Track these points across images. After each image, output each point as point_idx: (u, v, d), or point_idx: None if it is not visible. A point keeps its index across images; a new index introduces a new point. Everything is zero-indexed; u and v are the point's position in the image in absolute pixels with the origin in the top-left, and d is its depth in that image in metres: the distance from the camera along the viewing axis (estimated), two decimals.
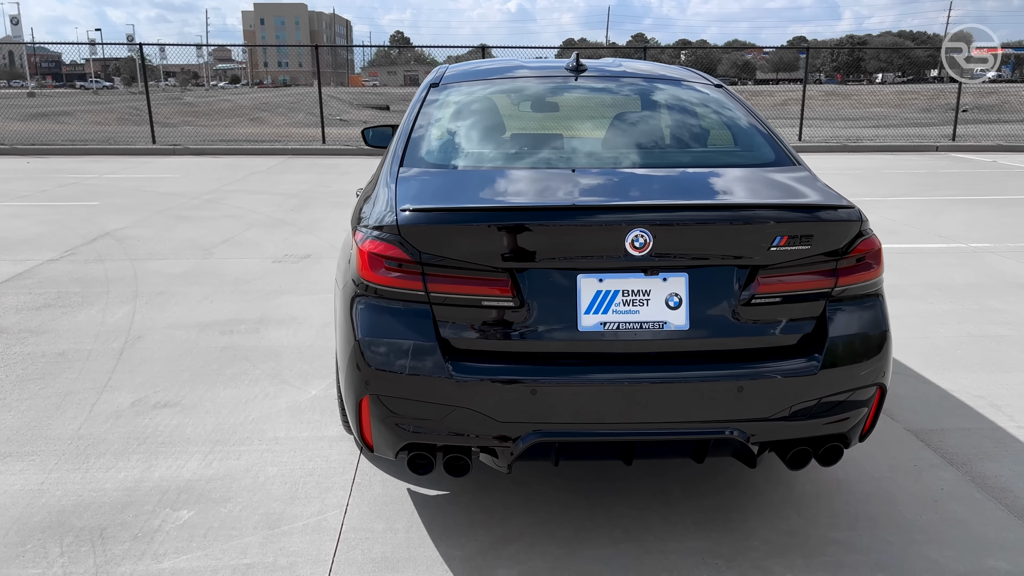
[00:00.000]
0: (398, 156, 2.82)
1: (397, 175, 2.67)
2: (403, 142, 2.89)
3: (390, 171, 2.75)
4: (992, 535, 2.63)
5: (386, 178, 2.71)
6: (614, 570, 2.44)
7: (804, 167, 2.78)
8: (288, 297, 5.42)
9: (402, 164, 2.75)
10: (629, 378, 2.27)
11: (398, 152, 2.84)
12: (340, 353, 2.54)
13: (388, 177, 2.71)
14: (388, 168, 2.80)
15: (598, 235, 2.25)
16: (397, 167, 2.74)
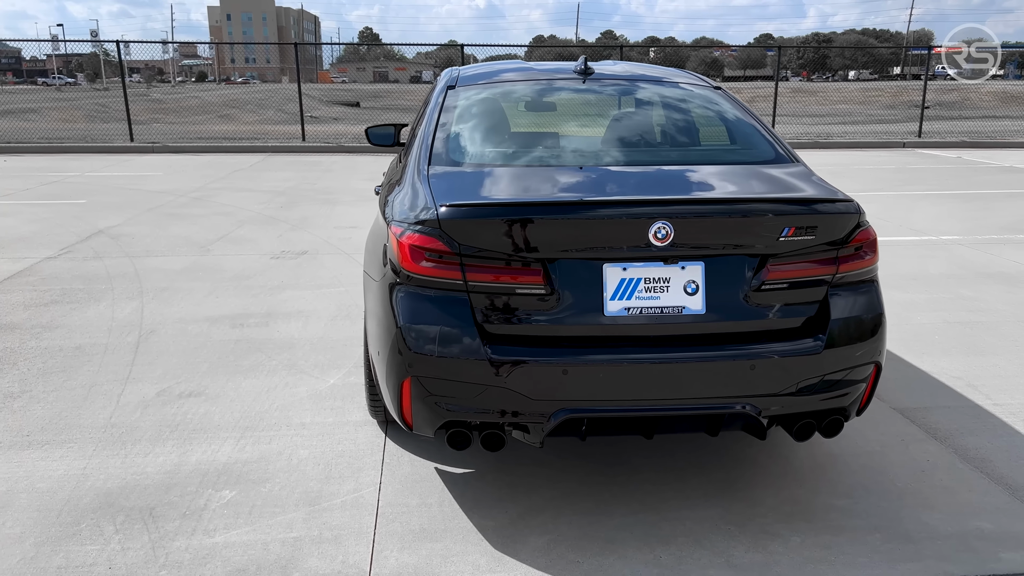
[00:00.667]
0: (425, 155, 3.00)
1: (427, 173, 2.85)
2: (428, 141, 3.07)
3: (418, 169, 2.93)
4: (976, 500, 2.88)
5: (415, 175, 2.89)
6: (636, 536, 2.65)
7: (802, 164, 3.01)
8: (292, 292, 5.56)
9: (430, 163, 2.93)
10: (652, 358, 2.48)
11: (424, 151, 3.02)
12: (378, 339, 2.72)
13: (417, 175, 2.89)
14: (415, 166, 2.98)
15: (624, 227, 2.45)
16: (426, 165, 2.92)
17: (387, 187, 3.34)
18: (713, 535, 2.66)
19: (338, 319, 4.95)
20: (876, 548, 2.59)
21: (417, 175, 2.89)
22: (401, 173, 3.14)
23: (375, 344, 2.80)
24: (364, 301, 3.14)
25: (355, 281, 5.83)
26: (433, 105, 3.37)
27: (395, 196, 2.95)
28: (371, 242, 3.13)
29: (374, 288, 2.84)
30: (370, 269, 2.99)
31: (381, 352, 2.69)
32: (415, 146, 3.18)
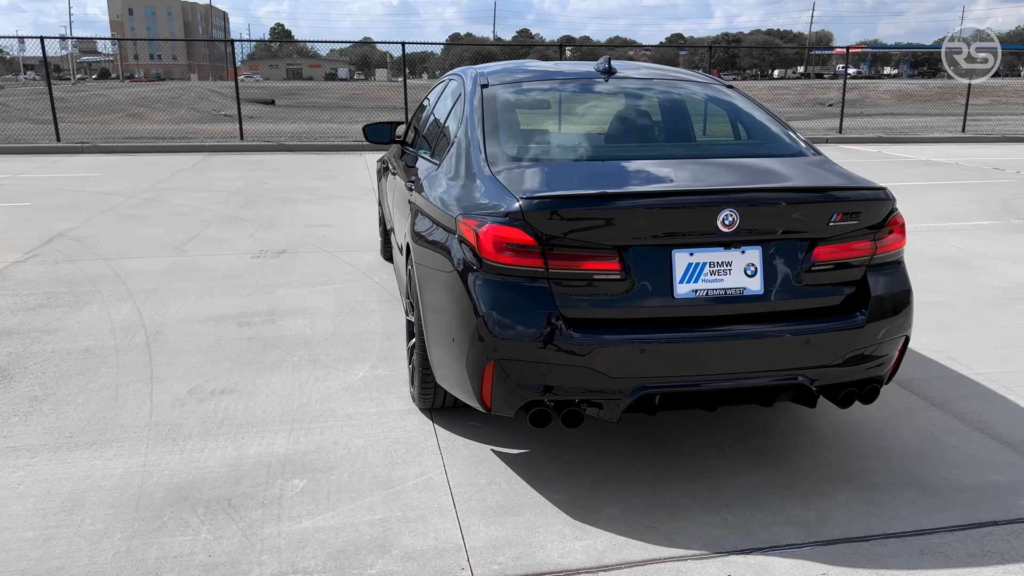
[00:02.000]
0: (478, 152, 3.13)
1: (490, 169, 2.99)
2: (478, 139, 3.20)
3: (475, 164, 3.07)
4: (985, 457, 3.21)
5: (476, 171, 3.03)
6: (699, 502, 2.87)
7: (824, 156, 3.28)
8: (286, 290, 5.58)
9: (487, 159, 3.07)
10: (717, 336, 2.69)
11: (476, 148, 3.16)
12: (450, 328, 2.85)
13: (477, 170, 3.03)
14: (469, 162, 3.11)
15: (694, 215, 2.66)
16: (483, 162, 3.06)
17: (427, 183, 3.46)
18: (768, 497, 2.90)
19: (343, 315, 5.01)
20: (912, 501, 2.87)
21: (477, 170, 3.03)
22: (452, 169, 3.26)
23: (446, 332, 2.92)
24: (417, 297, 3.24)
25: (347, 278, 5.88)
26: (471, 104, 3.50)
27: (452, 192, 3.08)
28: (423, 240, 3.22)
29: (439, 281, 2.96)
30: (431, 264, 3.10)
31: (457, 339, 2.82)
32: (461, 143, 3.31)
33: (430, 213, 3.25)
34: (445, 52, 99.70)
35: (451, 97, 4.09)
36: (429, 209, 3.28)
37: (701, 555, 2.56)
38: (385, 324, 4.83)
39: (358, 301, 5.32)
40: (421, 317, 3.24)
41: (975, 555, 2.56)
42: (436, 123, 4.25)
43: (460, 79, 4.03)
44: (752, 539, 2.64)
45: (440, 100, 4.38)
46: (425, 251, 3.20)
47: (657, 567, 2.49)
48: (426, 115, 4.55)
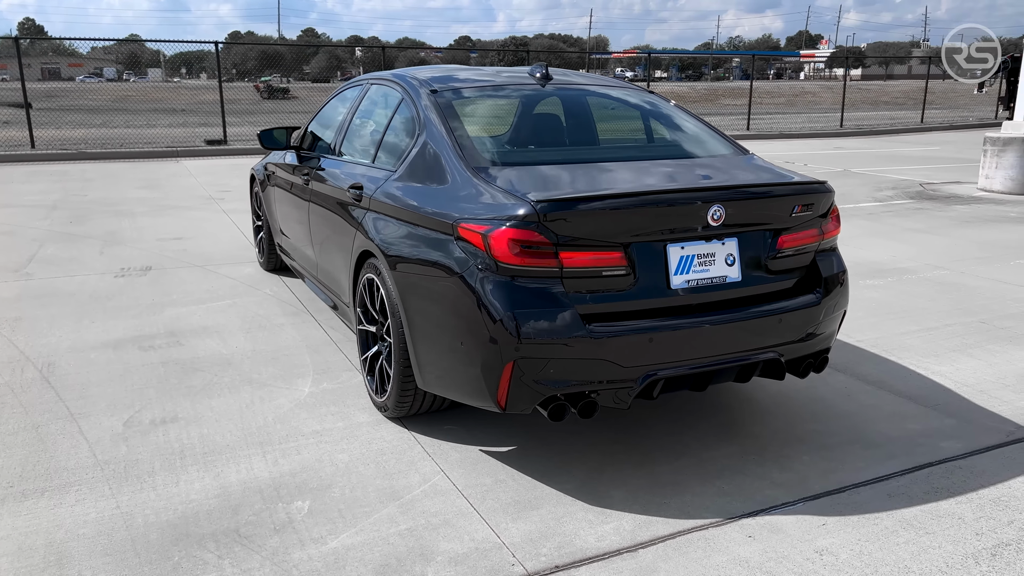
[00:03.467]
0: (454, 156, 3.17)
1: (471, 172, 3.05)
2: (448, 143, 3.24)
3: (453, 169, 3.11)
4: (897, 410, 3.73)
5: (455, 175, 3.07)
6: (691, 476, 3.10)
7: (753, 154, 3.65)
8: (176, 309, 5.21)
9: (469, 164, 3.12)
10: (709, 321, 2.94)
11: (449, 152, 3.19)
12: (460, 332, 2.88)
13: (458, 174, 3.07)
14: (443, 167, 3.15)
15: (689, 211, 2.89)
16: (462, 166, 3.11)
17: (389, 190, 3.43)
18: (747, 465, 3.19)
19: (253, 331, 4.78)
20: (861, 455, 3.29)
21: (459, 175, 3.07)
22: (421, 175, 3.26)
23: (447, 337, 2.95)
24: (396, 305, 3.21)
25: (236, 293, 5.59)
26: (426, 110, 3.51)
27: (436, 197, 3.09)
28: (403, 248, 3.19)
29: (433, 287, 2.97)
30: (418, 271, 3.09)
31: (467, 343, 2.86)
32: (427, 148, 3.32)
33: (407, 219, 3.23)
34: (226, 51, 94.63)
35: (385, 103, 4.06)
36: (404, 215, 3.26)
37: (717, 522, 2.79)
38: (303, 337, 4.67)
39: (261, 316, 5.09)
40: (403, 325, 3.21)
41: (929, 492, 2.99)
42: (370, 129, 4.19)
43: (395, 85, 4.00)
44: (751, 502, 2.92)
45: (365, 106, 4.32)
46: (408, 259, 3.18)
47: (687, 538, 2.69)
48: (345, 121, 4.44)
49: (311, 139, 5.05)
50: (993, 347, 4.58)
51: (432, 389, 3.20)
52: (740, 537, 2.70)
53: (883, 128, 22.59)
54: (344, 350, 4.46)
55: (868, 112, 29.96)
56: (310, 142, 5.07)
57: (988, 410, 3.72)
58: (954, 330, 4.89)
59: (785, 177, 3.23)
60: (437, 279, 2.99)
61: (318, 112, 5.13)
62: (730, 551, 2.62)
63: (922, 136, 21.40)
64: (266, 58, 63.69)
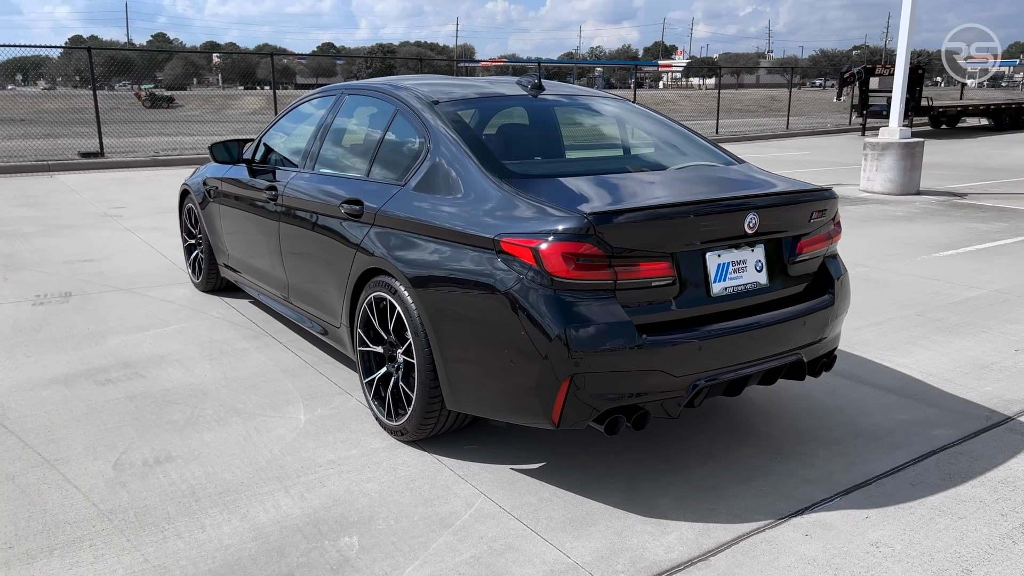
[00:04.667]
0: (479, 169, 3.09)
1: (505, 186, 2.99)
2: (472, 157, 3.16)
3: (478, 181, 3.04)
4: (880, 403, 3.94)
5: (488, 188, 3.00)
6: (727, 479, 3.16)
7: (747, 162, 3.77)
8: (119, 338, 4.81)
9: (495, 176, 3.05)
10: (746, 326, 3.01)
11: (474, 166, 3.11)
12: (508, 349, 2.80)
13: (489, 187, 3.00)
14: (475, 179, 3.06)
15: (729, 219, 2.94)
16: (490, 178, 3.04)
17: (398, 205, 3.31)
18: (771, 464, 3.29)
19: (217, 358, 4.48)
20: (868, 447, 3.45)
21: (488, 187, 3.00)
22: (439, 187, 3.16)
23: (492, 355, 2.86)
24: (418, 325, 3.09)
25: (180, 317, 5.23)
26: (431, 121, 3.41)
27: (472, 211, 3.00)
28: (430, 265, 3.07)
29: (474, 305, 2.88)
30: (452, 288, 2.98)
31: (518, 360, 2.79)
32: (441, 161, 3.22)
33: (430, 234, 3.11)
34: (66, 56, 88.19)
35: (373, 115, 3.91)
36: (424, 231, 3.14)
37: (771, 523, 2.85)
38: (274, 361, 4.42)
39: (219, 340, 4.78)
40: (430, 344, 3.10)
41: (944, 478, 3.18)
42: (356, 142, 4.02)
43: (381, 96, 3.86)
44: (792, 501, 3.00)
45: (342, 119, 4.14)
46: (435, 277, 3.06)
47: (749, 542, 2.74)
48: (319, 134, 4.22)
49: (268, 153, 4.80)
50: (938, 338, 4.93)
51: (466, 409, 3.11)
52: (798, 536, 2.77)
53: (755, 134, 23.91)
54: (325, 373, 4.25)
55: (737, 119, 31.64)
56: (265, 156, 4.82)
57: (959, 397, 4.00)
58: (899, 324, 5.23)
59: (803, 185, 3.35)
60: (476, 297, 2.90)
61: (273, 125, 4.88)
62: (794, 551, 2.68)
63: (790, 141, 22.80)
64: (114, 64, 59.91)
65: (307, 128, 4.46)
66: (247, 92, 57.03)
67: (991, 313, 5.45)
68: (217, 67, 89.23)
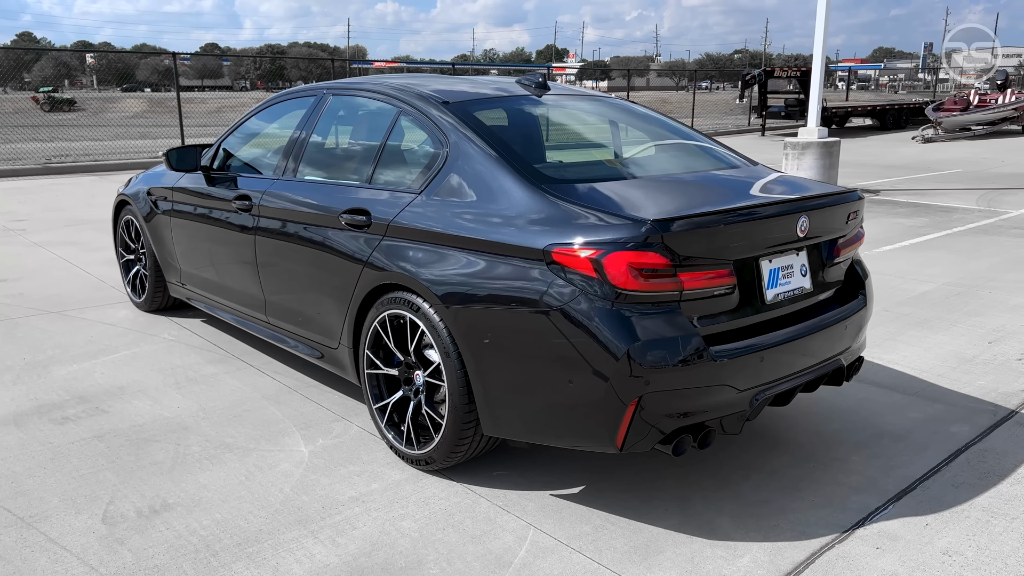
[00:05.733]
0: (512, 174, 2.87)
1: (545, 192, 2.77)
2: (501, 161, 2.92)
3: (522, 188, 2.81)
4: (890, 402, 3.93)
5: (526, 195, 2.78)
6: (776, 492, 3.04)
7: (762, 164, 3.68)
8: (65, 367, 4.30)
9: (531, 182, 2.83)
10: (800, 333, 2.90)
11: (505, 170, 2.89)
12: (566, 370, 2.59)
13: (528, 194, 2.78)
14: (508, 185, 2.84)
15: (784, 223, 2.82)
16: (526, 184, 2.82)
17: (418, 213, 3.04)
18: (814, 474, 3.19)
19: (185, 386, 4.06)
20: (896, 449, 3.41)
21: (538, 195, 2.78)
22: (484, 194, 2.90)
23: (549, 377, 2.65)
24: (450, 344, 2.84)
25: (126, 342, 4.75)
26: (445, 123, 3.15)
27: (511, 220, 2.77)
28: (482, 279, 2.79)
29: (538, 321, 2.64)
30: (494, 305, 2.74)
31: (579, 381, 2.58)
32: (467, 165, 2.98)
33: (459, 246, 2.86)
34: None
35: (369, 117, 3.61)
36: (452, 242, 2.88)
37: (837, 537, 2.75)
38: (252, 388, 4.04)
39: (182, 366, 4.34)
40: (465, 366, 2.84)
41: (982, 477, 3.17)
42: (350, 147, 3.70)
43: (377, 96, 3.56)
44: (848, 512, 2.91)
45: (328, 121, 3.80)
46: (471, 292, 2.80)
47: (825, 559, 2.62)
48: (299, 139, 3.85)
49: (229, 159, 4.40)
50: (913, 333, 5.01)
51: (508, 434, 2.87)
52: (869, 551, 2.67)
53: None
54: (312, 398, 3.91)
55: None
56: (226, 162, 4.41)
57: (959, 392, 4.04)
58: (872, 320, 5.29)
59: (835, 187, 3.28)
60: (522, 313, 2.67)
61: (234, 129, 4.47)
62: (873, 566, 2.58)
63: None
64: None
65: (281, 132, 4.09)
66: (127, 95, 54.07)
67: (951, 306, 5.61)
68: (92, 68, 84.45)
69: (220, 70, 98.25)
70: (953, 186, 12.44)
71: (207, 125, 19.74)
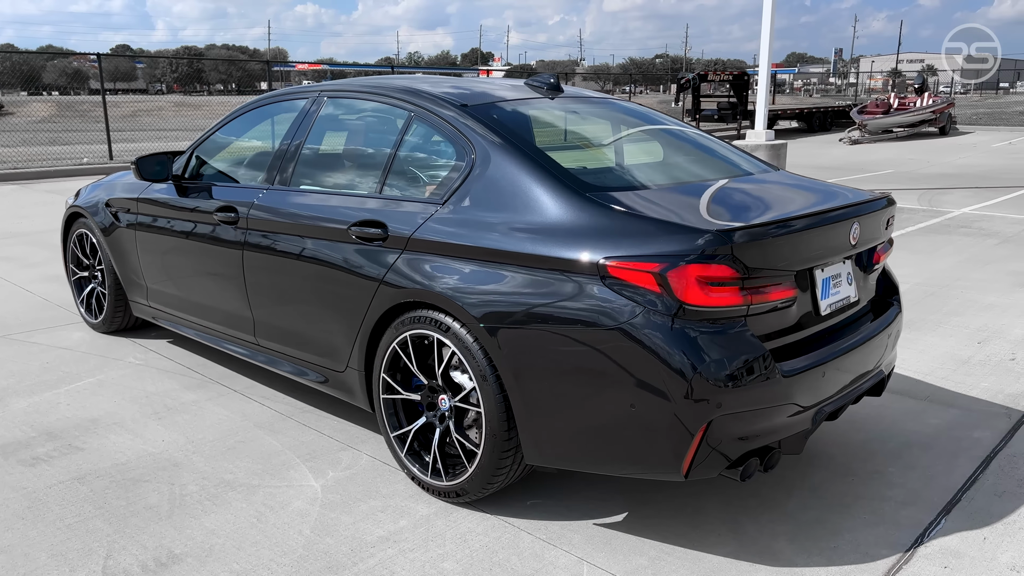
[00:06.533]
0: (553, 182, 2.67)
1: (593, 201, 2.58)
2: (540, 169, 2.72)
3: (566, 197, 2.62)
4: (905, 408, 3.86)
5: (572, 205, 2.59)
6: (824, 511, 2.92)
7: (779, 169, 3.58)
8: (24, 400, 3.89)
9: (576, 190, 2.64)
10: (854, 344, 2.79)
11: (545, 178, 2.68)
12: (627, 394, 2.40)
13: (574, 203, 2.59)
14: (551, 194, 2.64)
15: (840, 231, 2.70)
16: (570, 193, 2.63)
17: (478, 228, 2.75)
18: (855, 487, 3.09)
19: (166, 416, 3.71)
20: (925, 458, 3.34)
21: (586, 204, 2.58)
22: (523, 205, 2.68)
23: (611, 401, 2.45)
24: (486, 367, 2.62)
25: (88, 368, 4.34)
26: (475, 128, 2.92)
27: (556, 232, 2.56)
28: (527, 296, 2.56)
29: (595, 341, 2.44)
30: (557, 325, 2.51)
31: (642, 405, 2.40)
32: (497, 172, 2.76)
33: (498, 260, 2.63)
34: None
35: (375, 121, 3.36)
36: (490, 256, 2.66)
37: (901, 557, 2.64)
38: (241, 416, 3.72)
39: (158, 394, 3.98)
40: (509, 389, 2.62)
41: (1020, 484, 3.12)
42: (354, 154, 3.43)
43: (381, 98, 3.30)
44: (903, 528, 2.81)
45: (325, 125, 3.51)
46: (515, 311, 2.58)
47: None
48: (291, 145, 3.54)
49: (207, 169, 4.06)
50: (904, 335, 4.96)
51: (554, 463, 2.67)
52: (937, 570, 2.57)
53: None
54: (311, 424, 3.62)
55: None
56: (200, 171, 4.07)
57: (968, 395, 4.03)
58: None
59: (871, 192, 3.18)
60: (573, 332, 2.46)
61: (210, 135, 4.12)
62: None
63: None
64: None
65: (268, 138, 3.79)
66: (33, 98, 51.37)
67: (931, 307, 5.66)
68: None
69: (134, 72, 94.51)
70: (891, 186, 12.78)
71: (123, 130, 18.79)
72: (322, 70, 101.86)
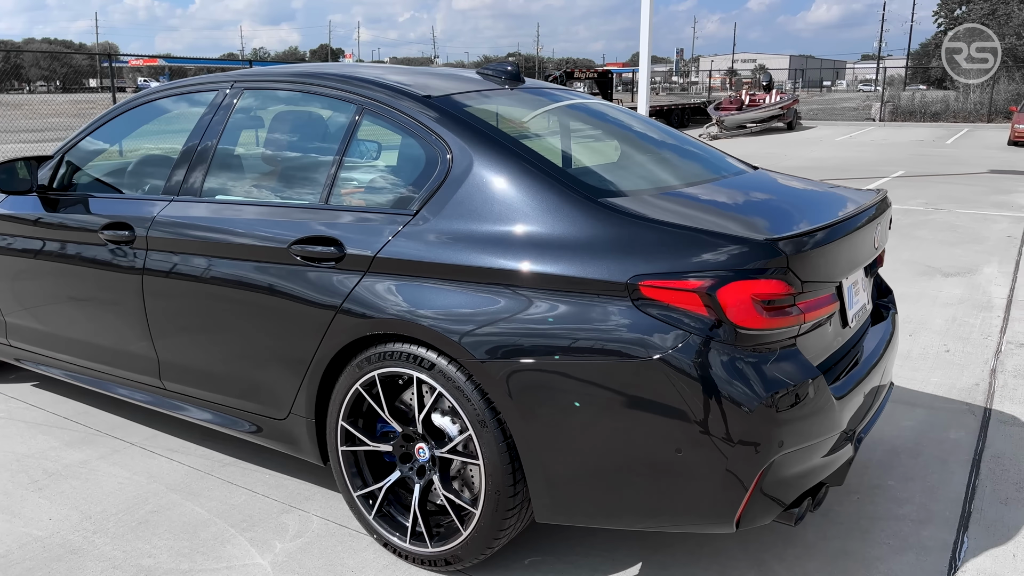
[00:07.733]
0: (556, 186, 2.25)
1: (608, 208, 2.19)
2: (533, 170, 2.29)
3: (574, 204, 2.20)
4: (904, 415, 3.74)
5: (583, 213, 2.18)
6: (852, 541, 2.67)
7: None
8: None
9: (585, 196, 2.23)
10: (878, 354, 2.56)
11: (547, 184, 2.26)
12: (678, 434, 2.02)
13: (585, 212, 2.19)
14: (555, 200, 2.22)
15: (868, 235, 2.44)
16: (580, 199, 2.22)
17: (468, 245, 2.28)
18: (866, 506, 2.87)
19: (47, 483, 3.00)
20: (918, 464, 3.19)
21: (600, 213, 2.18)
22: (522, 215, 2.23)
23: (648, 445, 2.07)
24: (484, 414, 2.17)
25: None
26: (444, 125, 2.44)
27: (565, 245, 2.15)
28: (536, 323, 2.12)
29: (626, 375, 2.04)
30: (575, 358, 2.09)
31: (690, 450, 2.03)
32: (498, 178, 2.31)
33: (496, 281, 2.18)
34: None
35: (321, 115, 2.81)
36: (485, 276, 2.20)
37: None
38: (147, 475, 3.07)
39: (33, 455, 3.23)
40: (516, 437, 2.18)
41: (1019, 488, 3.00)
42: (285, 157, 2.85)
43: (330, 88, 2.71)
44: (930, 551, 2.61)
45: (239, 123, 2.91)
46: (521, 343, 2.13)
47: None
48: (198, 148, 2.89)
49: (82, 177, 3.34)
50: None
51: (573, 520, 2.25)
52: None
53: None
54: (235, 481, 3.02)
55: None
56: (72, 180, 3.35)
57: (926, 393, 3.95)
58: None
59: (882, 192, 2.96)
60: (602, 365, 2.06)
61: (82, 137, 3.38)
62: None
63: None
64: None
65: (165, 138, 3.12)
66: None
67: None
68: None
69: None
70: None
71: None
72: (159, 66, 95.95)
